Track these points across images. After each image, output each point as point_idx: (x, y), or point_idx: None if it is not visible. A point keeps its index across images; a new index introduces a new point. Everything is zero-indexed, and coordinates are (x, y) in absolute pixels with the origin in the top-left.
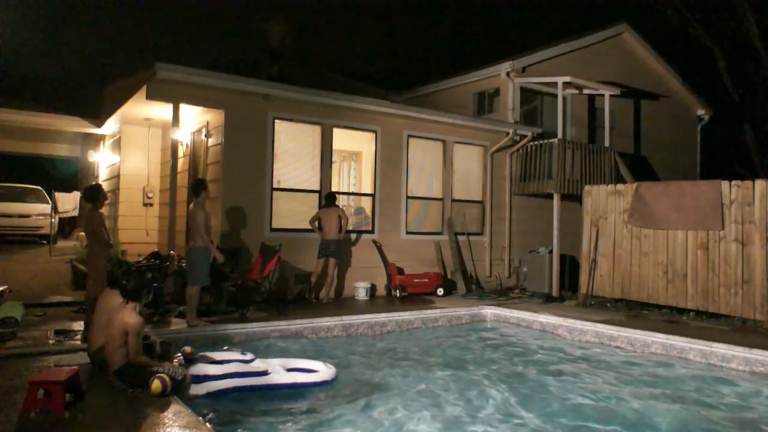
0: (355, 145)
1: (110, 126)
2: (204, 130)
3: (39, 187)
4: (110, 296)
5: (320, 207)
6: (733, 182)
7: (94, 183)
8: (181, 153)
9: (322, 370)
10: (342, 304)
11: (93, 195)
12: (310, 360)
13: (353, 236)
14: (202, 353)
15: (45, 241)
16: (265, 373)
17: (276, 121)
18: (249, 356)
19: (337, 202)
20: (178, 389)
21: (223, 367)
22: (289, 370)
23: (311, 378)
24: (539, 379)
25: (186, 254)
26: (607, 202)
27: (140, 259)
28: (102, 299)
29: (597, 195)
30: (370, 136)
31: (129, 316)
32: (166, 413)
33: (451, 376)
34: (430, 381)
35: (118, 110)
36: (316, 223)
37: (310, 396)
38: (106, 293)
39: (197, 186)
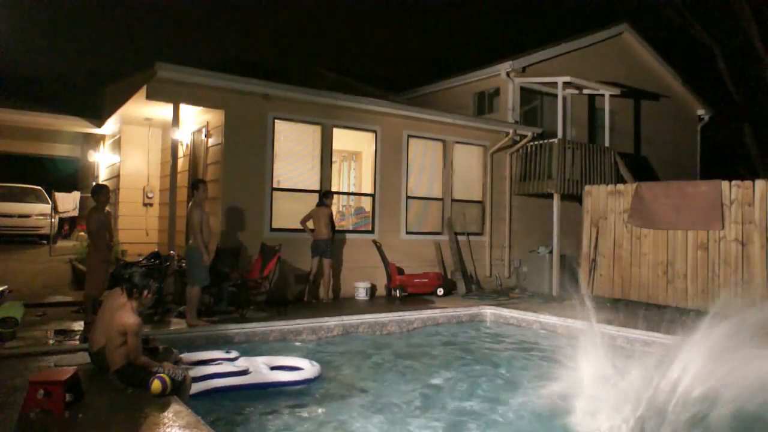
0: (355, 145)
1: (110, 126)
2: (204, 130)
3: (39, 187)
4: (113, 296)
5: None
6: (733, 182)
7: (96, 183)
8: (181, 153)
9: (307, 368)
10: (342, 304)
11: (92, 194)
12: (294, 358)
13: (353, 236)
14: (182, 354)
15: (45, 241)
16: (247, 371)
17: (276, 121)
18: (233, 354)
19: (328, 201)
20: (178, 390)
21: (205, 368)
22: (274, 368)
23: (295, 376)
24: (538, 379)
25: (186, 254)
26: (607, 202)
27: (140, 259)
28: (106, 300)
29: (597, 195)
30: (370, 136)
31: (127, 316)
32: (166, 413)
33: (448, 375)
34: (428, 380)
35: (118, 110)
36: (308, 223)
37: (308, 395)
38: (109, 294)
39: (192, 186)
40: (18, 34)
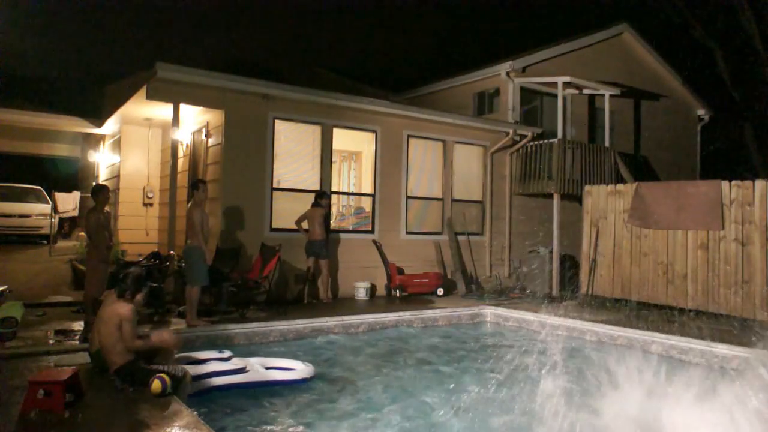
0: (355, 145)
1: (110, 126)
2: (204, 130)
3: (39, 187)
4: (111, 296)
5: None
6: (733, 182)
7: (96, 183)
8: (181, 153)
9: (300, 368)
10: (342, 304)
11: (92, 194)
12: (287, 359)
13: (353, 236)
14: (178, 355)
15: (45, 241)
16: (242, 370)
17: (276, 121)
18: (227, 354)
19: (322, 202)
20: (178, 386)
21: (200, 367)
22: (268, 368)
23: (289, 376)
24: (537, 380)
25: (184, 254)
26: (607, 202)
27: (140, 259)
28: (105, 300)
29: (597, 195)
30: (370, 136)
31: (120, 307)
32: (166, 413)
33: (447, 376)
34: (427, 381)
35: (118, 110)
36: (303, 224)
37: (306, 394)
38: (108, 293)
39: (192, 186)
40: (18, 34)
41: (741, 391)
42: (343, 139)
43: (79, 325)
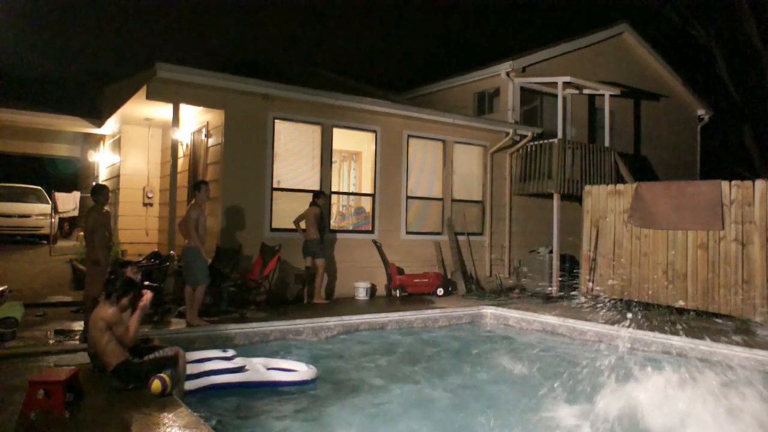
0: (355, 145)
1: (110, 126)
2: (204, 130)
3: (39, 187)
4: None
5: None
6: (733, 182)
7: (97, 183)
8: (181, 153)
9: (303, 370)
10: (342, 304)
11: (92, 194)
12: (291, 360)
13: (353, 236)
14: None
15: (45, 241)
16: (241, 369)
17: (276, 121)
18: (230, 353)
19: (319, 201)
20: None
21: (200, 365)
22: (270, 369)
23: (291, 377)
24: (538, 381)
25: (182, 254)
26: (607, 202)
27: (140, 260)
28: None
29: (597, 195)
30: (370, 136)
31: (103, 310)
32: (166, 413)
33: (447, 377)
34: (428, 381)
35: (118, 110)
36: (301, 224)
37: (306, 397)
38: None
39: (195, 187)
40: (18, 34)
41: None
42: (343, 139)
43: (79, 325)
